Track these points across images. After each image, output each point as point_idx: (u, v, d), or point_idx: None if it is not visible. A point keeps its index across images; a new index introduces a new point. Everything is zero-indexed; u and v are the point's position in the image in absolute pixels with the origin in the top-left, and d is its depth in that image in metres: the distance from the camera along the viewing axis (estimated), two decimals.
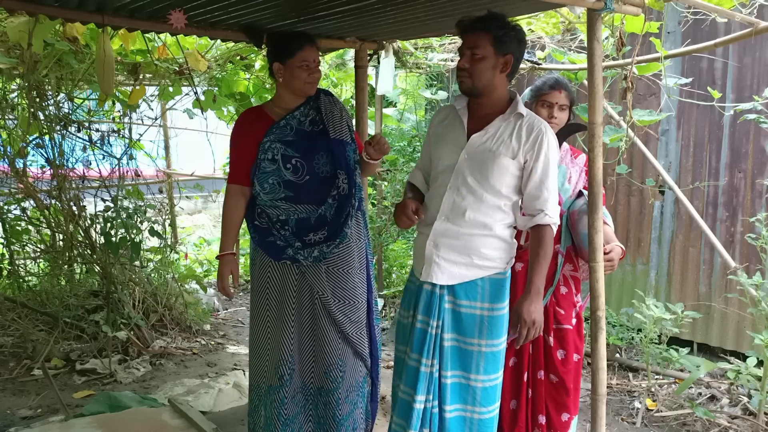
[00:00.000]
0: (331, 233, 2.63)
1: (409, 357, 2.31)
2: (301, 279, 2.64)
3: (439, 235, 2.26)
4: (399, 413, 2.34)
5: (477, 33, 2.17)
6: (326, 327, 2.64)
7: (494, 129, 2.24)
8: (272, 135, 2.62)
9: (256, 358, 2.73)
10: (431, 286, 2.29)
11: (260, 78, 5.16)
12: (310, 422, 2.72)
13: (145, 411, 3.36)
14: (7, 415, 3.43)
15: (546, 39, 4.22)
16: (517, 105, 2.25)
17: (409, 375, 2.30)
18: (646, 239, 4.71)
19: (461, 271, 2.26)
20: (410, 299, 2.39)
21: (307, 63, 2.59)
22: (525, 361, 2.65)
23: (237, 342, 4.91)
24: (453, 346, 2.28)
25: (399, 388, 2.36)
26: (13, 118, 4.66)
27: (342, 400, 2.66)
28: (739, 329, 4.19)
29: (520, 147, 2.21)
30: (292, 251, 2.62)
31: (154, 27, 2.97)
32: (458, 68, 2.22)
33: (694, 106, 4.26)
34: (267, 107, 2.74)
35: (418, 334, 2.30)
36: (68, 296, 4.58)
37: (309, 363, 2.68)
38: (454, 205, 2.25)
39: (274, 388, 2.64)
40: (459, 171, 2.24)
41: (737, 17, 3.17)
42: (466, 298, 2.27)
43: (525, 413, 2.65)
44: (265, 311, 2.67)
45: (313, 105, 2.70)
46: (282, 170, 2.61)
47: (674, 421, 3.54)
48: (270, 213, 2.65)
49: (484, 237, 2.25)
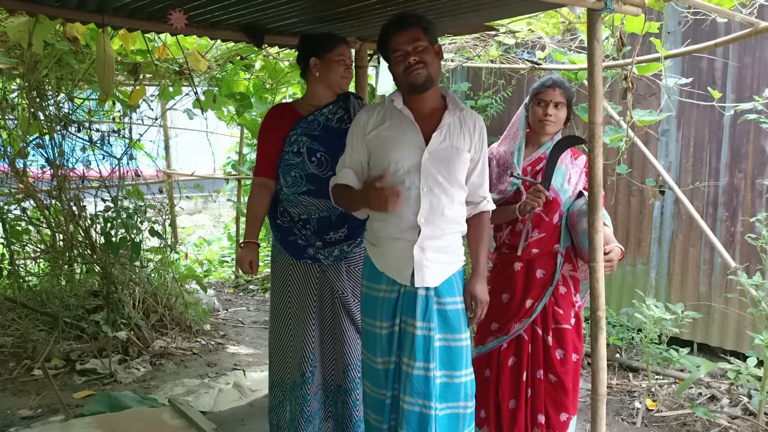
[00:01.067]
0: (352, 231, 2.66)
1: (413, 367, 2.23)
2: (323, 278, 2.68)
3: (426, 239, 2.23)
4: (410, 427, 2.23)
5: (413, 28, 2.22)
6: (346, 326, 2.67)
7: (447, 126, 2.27)
8: (299, 129, 2.66)
9: (278, 355, 2.76)
10: (425, 290, 2.25)
11: (260, 78, 5.17)
12: (330, 420, 2.76)
13: (145, 411, 3.37)
14: (7, 415, 3.43)
15: (546, 39, 4.22)
16: (455, 99, 2.32)
17: (417, 385, 2.22)
18: (646, 239, 4.70)
19: (443, 269, 2.27)
20: (382, 308, 2.30)
21: (343, 58, 2.66)
22: (524, 361, 2.65)
23: (237, 342, 4.91)
24: (442, 345, 2.27)
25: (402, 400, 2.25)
26: (14, 118, 4.66)
27: (360, 401, 2.67)
28: (739, 329, 4.19)
29: (472, 140, 2.30)
30: (313, 251, 2.65)
31: (154, 27, 2.97)
32: (409, 64, 2.20)
33: (694, 106, 4.26)
34: (297, 103, 2.78)
35: (422, 342, 2.23)
36: (68, 296, 4.58)
37: (330, 361, 2.72)
38: (431, 206, 2.23)
39: (298, 384, 2.68)
40: (426, 171, 2.23)
41: (737, 17, 3.17)
42: (449, 295, 2.28)
43: (524, 413, 2.65)
44: (287, 309, 2.71)
45: (343, 105, 2.74)
46: (307, 163, 2.64)
47: (674, 421, 3.54)
48: (292, 212, 2.68)
49: (456, 234, 2.31)
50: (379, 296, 2.31)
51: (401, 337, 2.28)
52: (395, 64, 2.25)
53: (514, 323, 2.63)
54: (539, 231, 2.63)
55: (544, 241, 2.63)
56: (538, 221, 2.62)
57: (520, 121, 2.71)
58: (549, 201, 2.58)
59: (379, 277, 2.32)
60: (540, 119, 2.61)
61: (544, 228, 2.62)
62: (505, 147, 2.71)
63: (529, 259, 2.65)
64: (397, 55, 2.23)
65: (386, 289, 2.30)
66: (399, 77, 2.26)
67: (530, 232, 2.63)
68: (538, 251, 2.64)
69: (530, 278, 2.65)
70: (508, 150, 2.70)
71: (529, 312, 2.63)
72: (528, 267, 2.66)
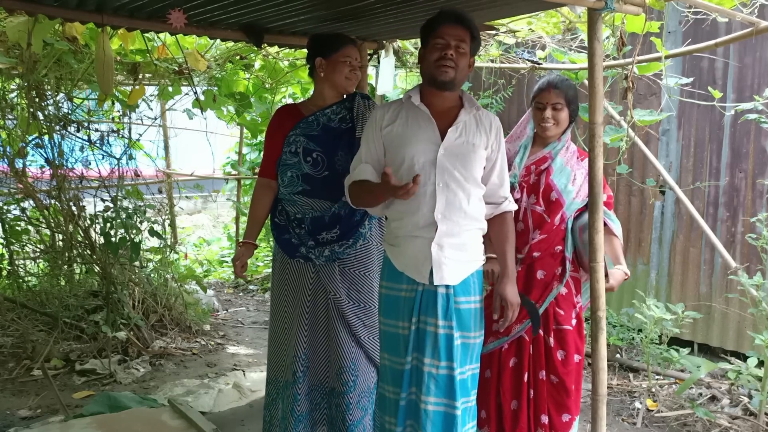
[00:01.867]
0: (344, 232, 2.65)
1: (437, 367, 2.21)
2: (317, 278, 2.68)
3: (443, 235, 2.22)
4: (436, 427, 2.21)
5: (464, 28, 2.21)
6: (339, 329, 2.66)
7: (463, 123, 2.27)
8: (298, 129, 2.67)
9: (274, 353, 2.78)
10: (445, 288, 2.24)
11: (260, 78, 5.16)
12: (324, 423, 2.74)
13: (145, 411, 3.36)
14: (6, 416, 3.42)
15: (546, 39, 4.21)
16: (472, 99, 2.32)
17: (441, 385, 2.20)
18: (647, 239, 4.70)
19: (462, 268, 2.26)
20: (403, 308, 2.29)
21: (349, 59, 2.65)
22: (525, 362, 2.64)
23: (237, 342, 4.90)
24: (462, 343, 2.26)
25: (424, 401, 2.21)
26: (13, 118, 4.65)
27: (353, 404, 2.65)
28: (739, 329, 4.19)
29: (488, 138, 2.30)
30: (305, 249, 2.66)
31: (153, 26, 2.96)
32: (444, 56, 2.18)
33: (694, 106, 4.26)
34: (302, 104, 2.79)
35: (444, 341, 2.21)
36: (68, 296, 4.58)
37: (323, 363, 2.71)
38: (447, 202, 2.22)
39: (290, 383, 2.68)
40: (442, 167, 2.22)
41: (738, 17, 3.16)
42: (464, 294, 2.27)
43: (527, 413, 2.64)
44: (283, 307, 2.73)
45: (347, 105, 2.74)
46: (302, 163, 2.65)
47: (675, 421, 3.53)
48: (288, 210, 2.70)
49: (476, 231, 2.30)
50: (400, 296, 2.29)
51: (419, 337, 2.25)
52: (432, 50, 2.21)
53: (515, 325, 2.62)
54: (540, 232, 2.61)
55: (545, 242, 2.61)
56: (539, 222, 2.61)
57: (528, 120, 2.70)
58: (551, 201, 2.58)
59: (399, 277, 2.30)
60: (539, 123, 2.61)
61: (546, 229, 2.61)
62: (510, 145, 2.71)
63: (531, 262, 2.63)
64: (438, 43, 2.20)
65: (407, 288, 2.28)
66: (428, 65, 2.23)
67: (531, 233, 2.62)
68: (539, 254, 2.62)
69: (531, 279, 2.63)
70: (512, 148, 2.69)
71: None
72: (528, 269, 2.64)
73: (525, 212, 2.60)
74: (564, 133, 2.65)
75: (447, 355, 2.21)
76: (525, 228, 2.61)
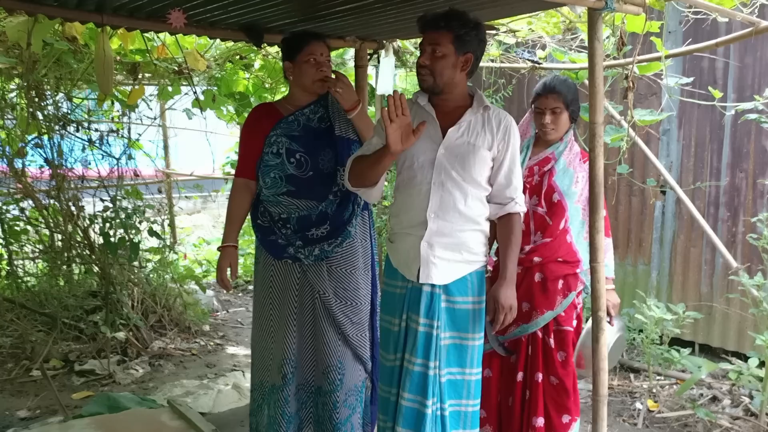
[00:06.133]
0: (333, 230, 2.62)
1: (413, 363, 2.24)
2: (303, 278, 2.64)
3: (433, 234, 2.22)
4: (406, 423, 2.24)
5: (439, 31, 2.17)
6: (326, 327, 2.63)
7: (467, 122, 2.26)
8: (279, 129, 2.63)
9: (259, 357, 2.72)
10: (431, 287, 2.25)
11: (260, 77, 5.15)
12: (310, 423, 2.71)
13: (144, 412, 3.35)
14: (5, 416, 3.42)
15: (546, 38, 4.20)
16: (482, 99, 2.29)
17: (415, 381, 2.23)
18: (648, 239, 4.69)
19: (455, 268, 2.25)
20: (397, 304, 2.31)
21: (314, 57, 2.59)
22: (521, 362, 2.63)
23: (236, 343, 4.89)
24: (451, 344, 2.26)
25: (401, 397, 2.26)
26: (12, 117, 4.65)
27: (340, 403, 2.63)
28: (740, 330, 4.18)
29: (494, 138, 2.26)
30: (293, 250, 2.61)
31: (153, 26, 2.96)
32: (418, 65, 2.20)
33: (695, 106, 4.25)
34: (279, 104, 2.76)
35: (423, 338, 2.23)
36: (67, 297, 4.57)
37: (310, 362, 2.68)
38: (442, 201, 2.22)
39: (278, 386, 2.64)
40: (440, 166, 2.22)
41: (738, 17, 3.15)
42: (459, 294, 2.26)
43: (519, 414, 2.63)
44: (269, 310, 2.67)
45: (323, 103, 2.71)
46: (286, 164, 2.61)
47: (676, 422, 3.53)
48: (272, 211, 2.65)
49: (473, 232, 2.27)
50: (395, 293, 2.33)
51: (407, 334, 2.28)
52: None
53: (511, 327, 2.60)
54: (543, 235, 2.59)
55: (549, 248, 2.58)
56: (541, 224, 2.59)
57: (530, 120, 2.70)
58: (553, 203, 2.57)
59: (395, 273, 2.33)
60: (539, 127, 2.61)
61: (549, 232, 2.58)
62: None
63: (529, 266, 2.61)
64: (420, 51, 2.21)
65: (401, 285, 2.32)
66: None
67: (533, 235, 2.60)
68: (540, 260, 2.59)
69: (530, 284, 2.61)
70: None
71: (526, 317, 2.60)
72: (526, 272, 2.60)
73: (527, 213, 2.59)
74: (566, 134, 2.65)
75: (424, 352, 2.22)
76: (526, 230, 2.60)
